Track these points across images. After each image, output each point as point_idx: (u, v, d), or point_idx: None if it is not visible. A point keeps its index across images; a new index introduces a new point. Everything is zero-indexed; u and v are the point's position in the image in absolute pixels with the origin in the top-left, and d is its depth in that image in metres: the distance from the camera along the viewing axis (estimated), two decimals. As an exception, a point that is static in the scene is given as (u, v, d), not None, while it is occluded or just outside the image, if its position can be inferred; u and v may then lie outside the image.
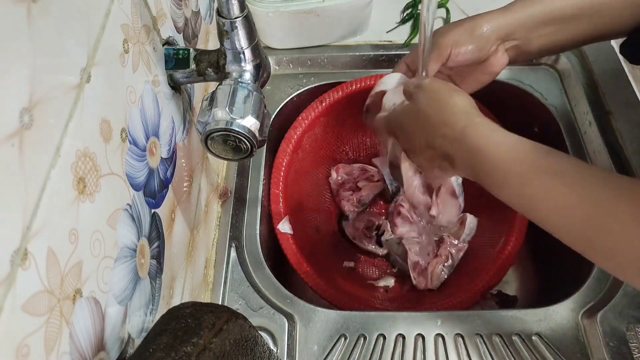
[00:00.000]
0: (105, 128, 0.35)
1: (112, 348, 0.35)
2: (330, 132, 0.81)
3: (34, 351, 0.26)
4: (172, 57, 0.49)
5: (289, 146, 0.74)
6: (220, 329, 0.34)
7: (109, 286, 0.35)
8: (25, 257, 0.26)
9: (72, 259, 0.30)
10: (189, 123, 0.56)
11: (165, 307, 0.47)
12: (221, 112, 0.44)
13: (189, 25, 0.58)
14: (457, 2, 0.84)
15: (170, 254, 0.48)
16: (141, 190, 0.42)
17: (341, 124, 0.80)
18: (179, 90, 0.52)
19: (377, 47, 0.81)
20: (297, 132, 0.74)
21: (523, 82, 0.78)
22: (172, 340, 0.33)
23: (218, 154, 0.48)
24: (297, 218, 0.73)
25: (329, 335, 0.57)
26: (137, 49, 0.42)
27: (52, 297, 0.28)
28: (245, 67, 0.47)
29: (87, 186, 0.32)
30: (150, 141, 0.44)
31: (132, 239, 0.39)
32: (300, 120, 0.74)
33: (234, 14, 0.43)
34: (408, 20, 0.83)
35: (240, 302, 0.60)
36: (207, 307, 0.36)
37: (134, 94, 0.41)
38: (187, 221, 0.54)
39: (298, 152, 0.76)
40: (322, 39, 0.80)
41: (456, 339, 0.57)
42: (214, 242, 0.64)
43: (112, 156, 0.36)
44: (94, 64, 0.34)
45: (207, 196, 0.63)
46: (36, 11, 0.28)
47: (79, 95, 0.32)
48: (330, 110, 0.76)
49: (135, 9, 0.42)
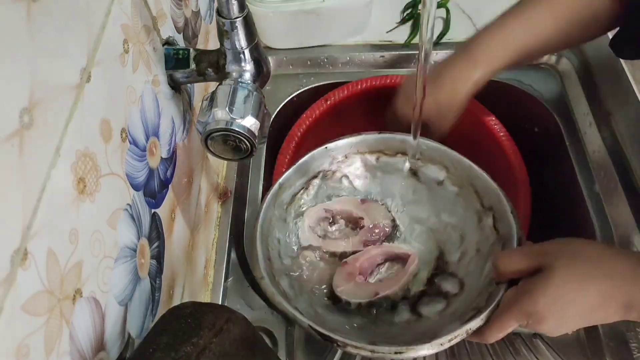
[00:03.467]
0: (105, 128, 0.35)
1: (112, 348, 0.35)
2: (334, 132, 0.80)
3: (34, 351, 0.26)
4: (172, 57, 0.49)
5: (291, 143, 0.72)
6: (220, 329, 0.34)
7: (109, 286, 0.35)
8: (25, 257, 0.26)
9: (72, 259, 0.30)
10: (189, 123, 0.56)
11: (165, 307, 0.47)
12: (221, 112, 0.44)
13: (189, 25, 0.58)
14: (457, 2, 0.85)
15: (170, 254, 0.48)
16: (141, 190, 0.42)
17: (345, 124, 0.80)
18: (179, 90, 0.52)
19: (377, 47, 0.81)
20: (301, 129, 0.73)
21: (523, 82, 0.78)
22: (172, 340, 0.33)
23: (218, 154, 0.48)
24: None
25: (329, 335, 0.57)
26: (137, 49, 0.42)
27: (52, 297, 0.28)
28: (245, 67, 0.47)
29: (87, 186, 0.32)
30: (150, 141, 0.44)
31: (132, 239, 0.39)
32: (304, 118, 0.74)
33: (234, 14, 0.43)
34: (408, 20, 0.83)
35: (240, 302, 0.60)
36: (207, 307, 0.36)
37: (134, 94, 0.41)
38: (187, 221, 0.54)
39: (301, 150, 0.75)
40: (322, 39, 0.80)
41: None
42: (214, 242, 0.64)
43: (112, 156, 0.36)
44: (94, 64, 0.34)
45: (207, 196, 0.63)
46: (36, 11, 0.28)
47: (79, 95, 0.32)
48: (334, 110, 0.75)
49: (135, 9, 0.42)
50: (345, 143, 0.59)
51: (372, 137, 0.59)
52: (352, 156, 0.60)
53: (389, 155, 0.60)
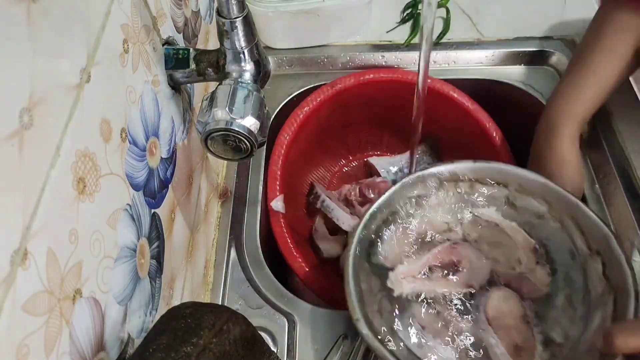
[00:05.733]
0: (105, 128, 0.35)
1: (112, 348, 0.35)
2: (336, 119, 0.79)
3: (33, 351, 0.26)
4: (172, 57, 0.49)
5: (293, 124, 0.72)
6: (220, 329, 0.34)
7: (108, 286, 0.35)
8: (25, 257, 0.26)
9: (72, 259, 0.30)
10: (189, 123, 0.56)
11: (165, 307, 0.47)
12: (221, 112, 0.44)
13: (189, 25, 0.58)
14: (457, 2, 0.84)
15: (170, 254, 0.48)
16: (141, 190, 0.42)
17: (347, 113, 0.79)
18: (178, 90, 0.52)
19: (377, 47, 0.81)
20: (304, 110, 0.72)
21: (523, 82, 0.78)
22: (172, 340, 0.33)
23: (218, 154, 0.48)
24: (292, 200, 0.71)
25: (329, 335, 0.57)
26: (137, 49, 0.42)
27: (52, 297, 0.28)
28: (245, 67, 0.47)
29: (87, 186, 0.32)
30: (150, 141, 0.44)
31: (132, 239, 0.39)
32: (309, 101, 0.73)
33: (233, 14, 0.43)
34: (408, 20, 0.83)
35: (240, 302, 0.60)
36: (207, 307, 0.36)
37: (134, 94, 0.41)
38: (187, 221, 0.54)
39: (301, 134, 0.74)
40: (322, 39, 0.80)
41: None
42: (214, 242, 0.64)
43: (112, 156, 0.36)
44: (94, 64, 0.34)
45: (207, 196, 0.63)
46: (36, 11, 0.28)
47: (79, 95, 0.32)
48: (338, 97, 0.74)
49: (135, 9, 0.42)
50: (438, 171, 0.56)
51: (468, 165, 0.56)
52: (445, 183, 0.57)
53: (484, 184, 0.57)
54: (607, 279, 0.48)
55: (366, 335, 0.45)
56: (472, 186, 0.57)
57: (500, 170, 0.56)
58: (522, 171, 0.55)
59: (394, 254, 0.55)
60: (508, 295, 0.54)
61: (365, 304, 0.48)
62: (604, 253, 0.49)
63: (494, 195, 0.57)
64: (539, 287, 0.53)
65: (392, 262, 0.55)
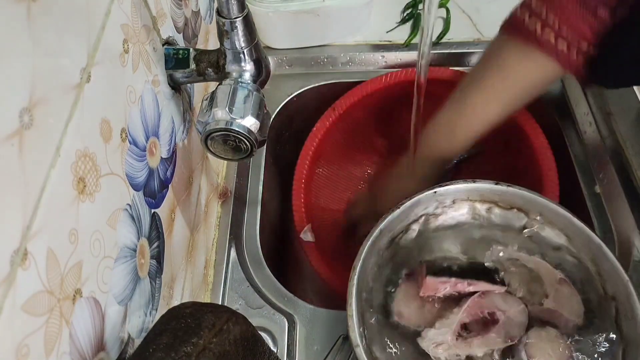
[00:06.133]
0: (105, 128, 0.35)
1: (112, 348, 0.35)
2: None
3: (33, 351, 0.26)
4: (172, 57, 0.49)
5: (309, 152, 0.72)
6: (220, 329, 0.34)
7: (108, 286, 0.35)
8: (25, 257, 0.26)
9: (72, 259, 0.30)
10: (189, 123, 0.56)
11: (165, 307, 0.47)
12: (221, 112, 0.44)
13: (189, 25, 0.58)
14: (457, 2, 0.84)
15: (170, 254, 0.48)
16: (141, 190, 0.42)
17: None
18: (179, 90, 0.52)
19: (377, 47, 0.81)
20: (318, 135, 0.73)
21: (523, 82, 0.77)
22: (172, 340, 0.32)
23: (218, 154, 0.48)
24: (320, 226, 0.72)
25: (329, 335, 0.57)
26: (137, 48, 0.42)
27: (52, 297, 0.28)
28: (245, 67, 0.47)
29: (87, 186, 0.32)
30: (150, 141, 0.44)
31: (132, 239, 0.39)
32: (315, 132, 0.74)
33: (234, 14, 0.43)
34: (408, 20, 0.83)
35: (240, 302, 0.60)
36: (207, 307, 0.35)
37: (134, 94, 0.41)
38: (187, 221, 0.54)
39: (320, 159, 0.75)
40: (322, 39, 0.80)
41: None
42: (214, 242, 0.64)
43: (112, 156, 0.36)
44: (94, 64, 0.34)
45: (207, 196, 0.63)
46: (36, 11, 0.28)
47: (79, 95, 0.32)
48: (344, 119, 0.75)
49: (135, 9, 0.42)
50: (457, 189, 0.54)
51: (488, 186, 0.54)
52: (460, 202, 0.55)
53: (502, 208, 0.55)
54: (619, 328, 0.47)
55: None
56: (491, 209, 0.55)
57: (523, 196, 0.53)
58: (545, 200, 0.52)
59: (410, 312, 0.52)
60: (545, 333, 0.50)
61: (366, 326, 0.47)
62: (619, 300, 0.47)
63: (510, 225, 0.54)
64: (574, 318, 0.50)
65: (413, 322, 0.51)
